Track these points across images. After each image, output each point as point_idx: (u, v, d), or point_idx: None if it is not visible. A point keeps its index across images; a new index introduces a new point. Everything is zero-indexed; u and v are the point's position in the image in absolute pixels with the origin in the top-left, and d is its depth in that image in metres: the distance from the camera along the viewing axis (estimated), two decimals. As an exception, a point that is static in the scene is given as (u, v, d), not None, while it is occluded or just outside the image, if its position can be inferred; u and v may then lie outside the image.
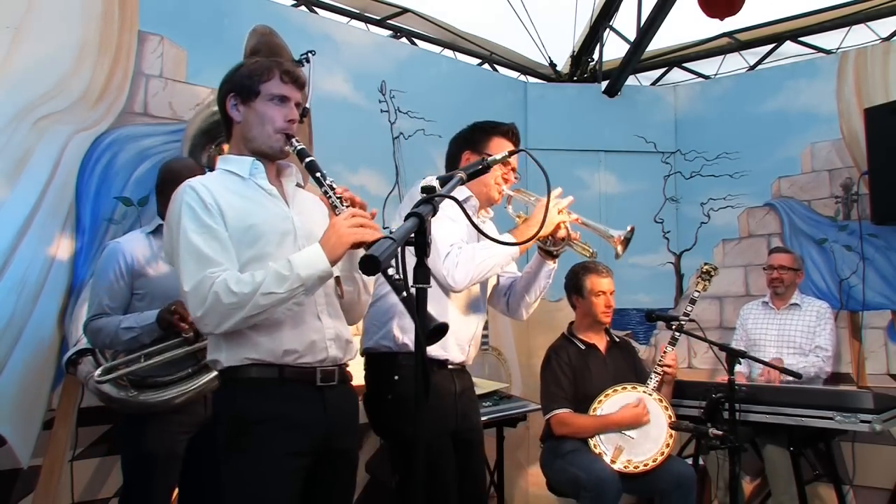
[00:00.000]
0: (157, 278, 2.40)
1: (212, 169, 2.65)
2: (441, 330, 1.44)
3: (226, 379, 1.77)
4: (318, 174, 1.78)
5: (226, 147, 2.67)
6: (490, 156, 2.38)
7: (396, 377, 2.25)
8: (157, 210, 2.56)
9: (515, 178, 2.49)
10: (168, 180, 2.47)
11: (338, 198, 1.75)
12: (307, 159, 1.80)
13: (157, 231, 2.48)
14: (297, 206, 1.88)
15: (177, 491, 2.47)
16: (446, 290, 2.26)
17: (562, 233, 2.34)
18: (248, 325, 1.67)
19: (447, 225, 2.22)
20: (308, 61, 2.62)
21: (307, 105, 2.58)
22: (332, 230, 1.69)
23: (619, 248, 2.33)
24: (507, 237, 2.27)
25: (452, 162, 2.54)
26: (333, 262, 1.68)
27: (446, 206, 2.25)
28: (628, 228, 2.33)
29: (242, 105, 1.83)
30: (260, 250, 1.73)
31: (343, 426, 1.82)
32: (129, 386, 2.34)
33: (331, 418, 1.77)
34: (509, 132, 2.48)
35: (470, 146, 2.49)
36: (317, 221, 1.86)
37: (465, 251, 2.22)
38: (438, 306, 2.24)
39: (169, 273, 2.38)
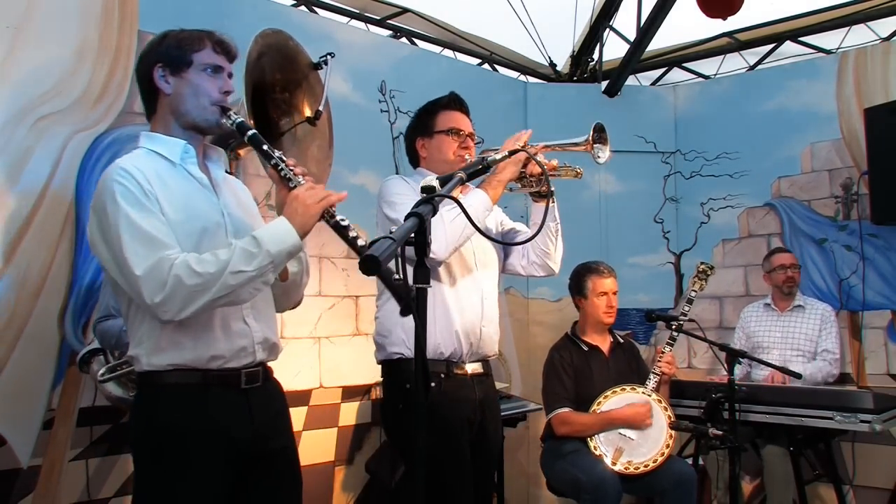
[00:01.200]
0: None
1: (227, 172, 2.63)
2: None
3: (143, 383, 1.68)
4: (264, 147, 1.68)
5: (241, 153, 2.65)
6: (440, 132, 2.36)
7: (408, 385, 2.16)
8: None
9: (477, 142, 2.41)
10: None
11: (290, 169, 1.67)
12: (249, 133, 1.69)
13: None
14: (225, 195, 1.79)
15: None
16: (435, 267, 2.15)
17: (535, 168, 2.25)
18: (213, 308, 1.59)
19: (402, 205, 2.15)
20: (326, 63, 2.61)
21: (320, 108, 2.57)
22: (297, 203, 1.61)
23: (600, 153, 2.23)
24: (476, 192, 2.20)
25: (412, 155, 2.49)
26: (303, 236, 1.62)
27: (396, 189, 2.23)
28: (592, 127, 2.24)
29: (172, 76, 1.71)
30: (194, 245, 1.63)
31: (272, 426, 1.76)
32: (132, 386, 2.34)
33: (258, 421, 1.71)
34: (451, 102, 2.41)
35: (419, 133, 2.43)
36: (244, 214, 1.80)
37: (433, 219, 2.15)
38: (431, 293, 2.19)
39: None
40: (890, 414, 3.01)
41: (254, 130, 1.70)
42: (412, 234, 1.39)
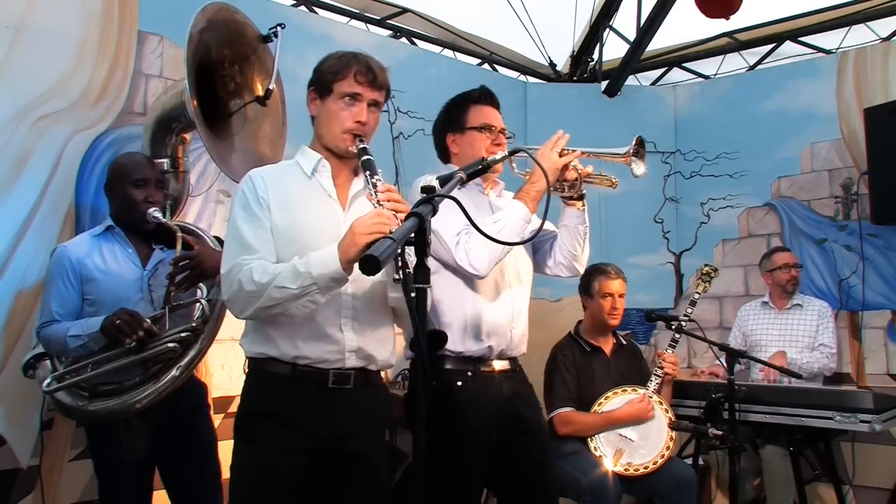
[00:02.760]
0: (106, 283, 2.28)
1: (175, 158, 2.61)
2: (437, 338, 1.40)
3: (249, 367, 1.83)
4: (366, 173, 1.77)
5: (187, 137, 2.64)
6: (472, 129, 2.31)
7: (434, 382, 2.17)
8: (108, 211, 2.45)
9: (509, 137, 2.38)
10: (114, 177, 2.40)
11: (376, 198, 1.70)
12: (364, 158, 1.80)
13: (106, 233, 2.36)
14: (357, 209, 1.83)
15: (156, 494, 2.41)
16: (470, 278, 2.15)
17: (571, 174, 2.20)
18: (268, 314, 1.69)
19: (446, 214, 2.15)
20: (276, 36, 2.56)
21: (271, 87, 2.52)
22: (349, 230, 1.63)
23: (634, 166, 2.21)
24: (514, 203, 2.15)
25: (441, 150, 2.44)
26: (346, 263, 1.61)
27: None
28: (633, 141, 2.21)
29: (319, 100, 1.86)
30: (297, 251, 1.71)
31: (355, 429, 1.78)
32: (82, 394, 2.24)
33: (340, 420, 1.75)
34: (481, 96, 2.37)
35: (450, 128, 2.38)
36: None
37: (474, 234, 2.06)
38: (459, 296, 2.18)
39: (118, 278, 2.29)
40: (890, 414, 3.01)
41: (369, 157, 1.80)
42: (412, 235, 1.39)
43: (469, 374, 2.20)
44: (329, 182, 1.85)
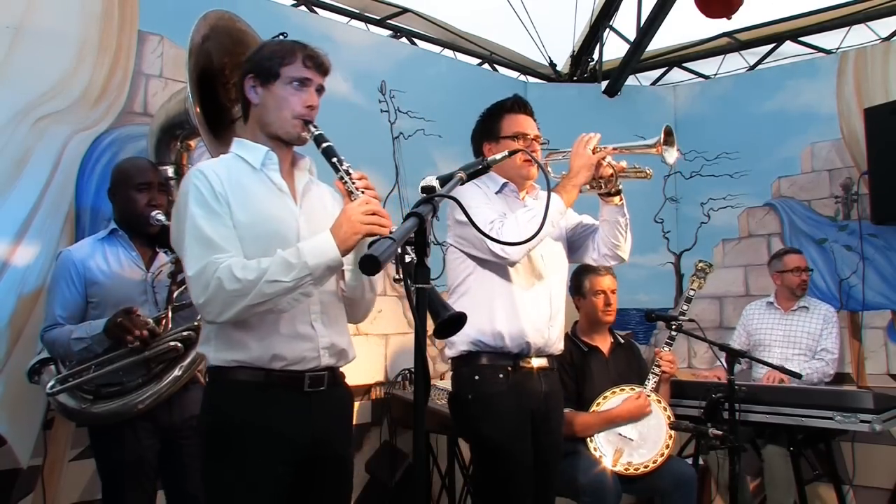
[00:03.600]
0: (110, 286, 2.30)
1: (179, 165, 2.61)
2: (457, 320, 1.39)
3: (212, 378, 1.73)
4: (333, 159, 1.71)
5: (192, 143, 2.64)
6: (506, 137, 2.38)
7: (477, 377, 2.24)
8: (111, 215, 2.46)
9: (543, 143, 2.44)
10: (117, 181, 2.41)
11: (353, 183, 1.68)
12: (324, 144, 1.73)
13: (109, 237, 2.39)
14: (307, 203, 1.81)
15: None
16: (504, 268, 2.21)
17: (606, 170, 2.27)
18: (252, 314, 1.61)
19: (476, 209, 2.15)
20: None
21: None
22: (343, 217, 1.61)
23: (667, 154, 2.26)
24: (553, 198, 2.18)
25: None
26: (345, 252, 1.61)
27: (470, 194, 2.24)
28: (663, 130, 2.25)
29: (261, 87, 1.77)
30: (261, 248, 1.65)
31: (332, 432, 1.76)
32: (86, 396, 2.24)
33: (318, 424, 1.72)
34: (515, 105, 2.44)
35: (486, 137, 2.45)
36: (324, 221, 1.78)
37: (508, 222, 2.16)
38: (497, 296, 2.24)
39: (122, 280, 2.31)
40: (890, 414, 3.01)
41: (329, 143, 1.73)
42: (412, 234, 1.39)
43: (509, 368, 2.26)
44: (278, 176, 1.78)
